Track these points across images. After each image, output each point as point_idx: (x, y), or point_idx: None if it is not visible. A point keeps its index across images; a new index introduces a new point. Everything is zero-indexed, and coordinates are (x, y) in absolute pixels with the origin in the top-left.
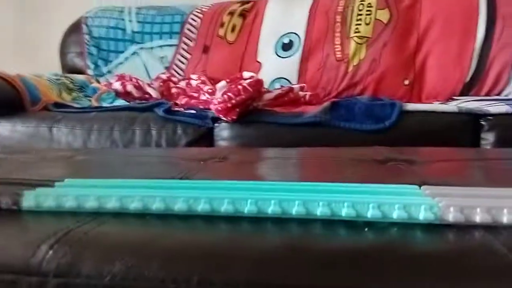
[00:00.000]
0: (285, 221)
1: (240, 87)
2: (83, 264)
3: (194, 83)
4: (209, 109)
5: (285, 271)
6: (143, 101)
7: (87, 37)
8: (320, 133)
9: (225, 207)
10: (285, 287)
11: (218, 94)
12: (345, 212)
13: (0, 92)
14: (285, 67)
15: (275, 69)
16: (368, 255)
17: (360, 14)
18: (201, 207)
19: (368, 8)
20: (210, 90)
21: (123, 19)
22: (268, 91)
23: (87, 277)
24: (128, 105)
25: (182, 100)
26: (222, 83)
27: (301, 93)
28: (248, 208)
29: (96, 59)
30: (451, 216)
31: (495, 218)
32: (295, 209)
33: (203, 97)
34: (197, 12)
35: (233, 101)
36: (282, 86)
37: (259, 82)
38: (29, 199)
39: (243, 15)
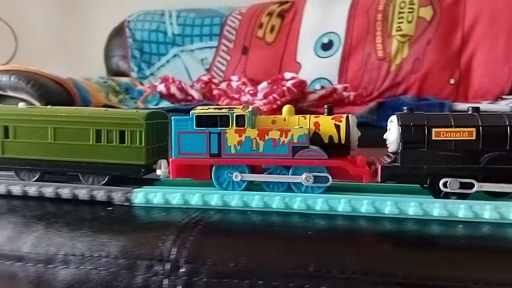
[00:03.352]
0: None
1: (284, 88)
2: (209, 252)
3: (234, 84)
4: None
5: (390, 262)
6: (187, 103)
7: (130, 40)
8: (367, 133)
9: (342, 207)
10: (394, 276)
11: (260, 95)
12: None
13: (54, 96)
14: (325, 67)
15: (315, 69)
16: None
17: (402, 12)
18: (319, 206)
19: (410, 6)
20: (251, 91)
21: (164, 22)
22: (312, 92)
23: (213, 264)
24: (174, 107)
25: (224, 101)
26: (264, 84)
27: (344, 94)
28: (366, 208)
29: (139, 62)
30: None
31: None
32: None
33: (244, 98)
34: (236, 13)
35: (279, 102)
36: (322, 86)
37: (303, 83)
38: (139, 197)
39: (281, 15)
